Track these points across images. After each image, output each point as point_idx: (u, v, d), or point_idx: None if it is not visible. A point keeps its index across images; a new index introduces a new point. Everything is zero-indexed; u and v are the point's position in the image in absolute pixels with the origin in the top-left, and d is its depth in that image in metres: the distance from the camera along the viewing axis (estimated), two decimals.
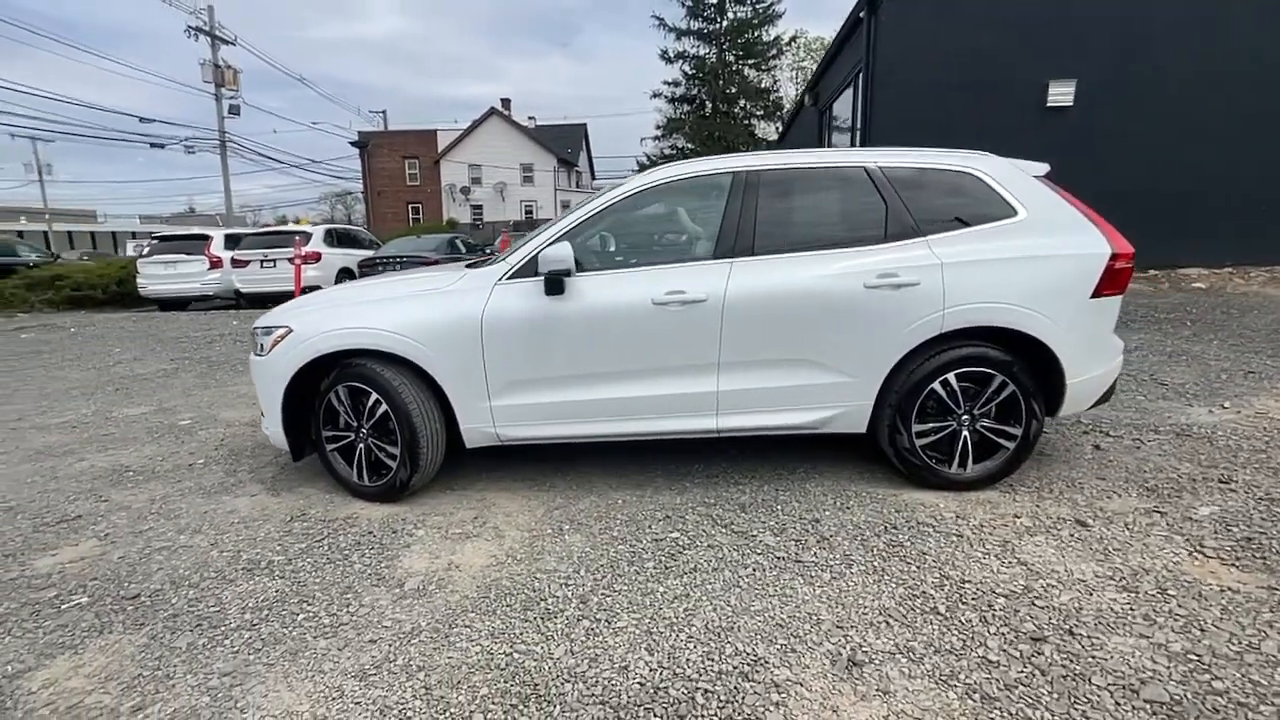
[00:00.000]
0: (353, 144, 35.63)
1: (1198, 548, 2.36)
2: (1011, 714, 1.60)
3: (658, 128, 38.23)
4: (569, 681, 1.77)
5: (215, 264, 11.95)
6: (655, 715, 1.64)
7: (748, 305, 2.76)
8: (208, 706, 1.72)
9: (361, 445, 2.95)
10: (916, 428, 2.84)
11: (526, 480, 3.22)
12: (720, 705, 1.66)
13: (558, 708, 1.67)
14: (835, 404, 2.86)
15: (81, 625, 2.11)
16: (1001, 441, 2.85)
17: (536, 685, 1.76)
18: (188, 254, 11.82)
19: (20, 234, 43.41)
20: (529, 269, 2.83)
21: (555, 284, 2.78)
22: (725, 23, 35.34)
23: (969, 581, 2.19)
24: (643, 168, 38.21)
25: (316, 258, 11.56)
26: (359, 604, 2.19)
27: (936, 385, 2.79)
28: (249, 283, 11.79)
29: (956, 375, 2.78)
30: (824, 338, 2.79)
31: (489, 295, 2.84)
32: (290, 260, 10.56)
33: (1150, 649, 1.82)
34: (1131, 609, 2.01)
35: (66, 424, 4.51)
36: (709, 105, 37.05)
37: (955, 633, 1.92)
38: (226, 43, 26.33)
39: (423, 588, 2.28)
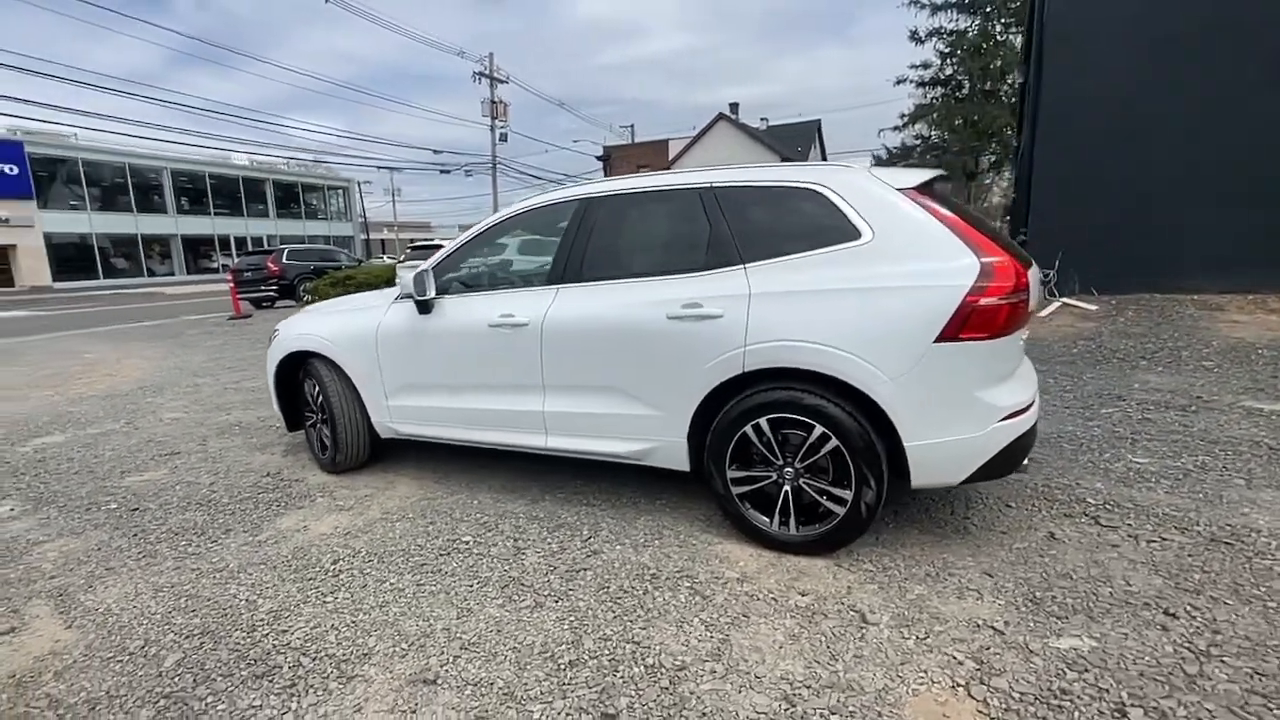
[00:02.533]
0: (598, 158, 39.93)
1: (969, 682, 1.80)
2: None
3: (901, 116, 35.02)
4: (240, 630, 2.21)
5: None
6: (246, 663, 2.00)
7: (561, 331, 2.83)
8: (77, 586, 2.58)
9: (319, 426, 3.76)
10: (732, 474, 2.59)
11: (439, 473, 3.69)
12: (287, 674, 1.95)
13: (209, 644, 2.13)
14: (649, 437, 2.75)
15: (94, 521, 3.23)
16: (830, 505, 2.43)
17: (220, 626, 2.24)
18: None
19: (383, 243, 58.47)
20: None
21: (424, 304, 3.20)
22: None
23: (636, 644, 2.04)
24: (878, 161, 35.54)
25: None
26: (219, 543, 2.92)
27: (748, 430, 2.50)
28: None
29: (772, 421, 2.46)
30: (630, 368, 2.71)
31: (386, 311, 3.38)
32: None
33: None
34: None
35: (252, 389, 6.37)
36: (966, 85, 32.76)
37: (545, 682, 1.87)
38: (501, 82, 31.76)
39: (266, 541, 2.92)
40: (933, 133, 36.17)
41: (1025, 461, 2.42)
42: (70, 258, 30.50)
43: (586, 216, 2.93)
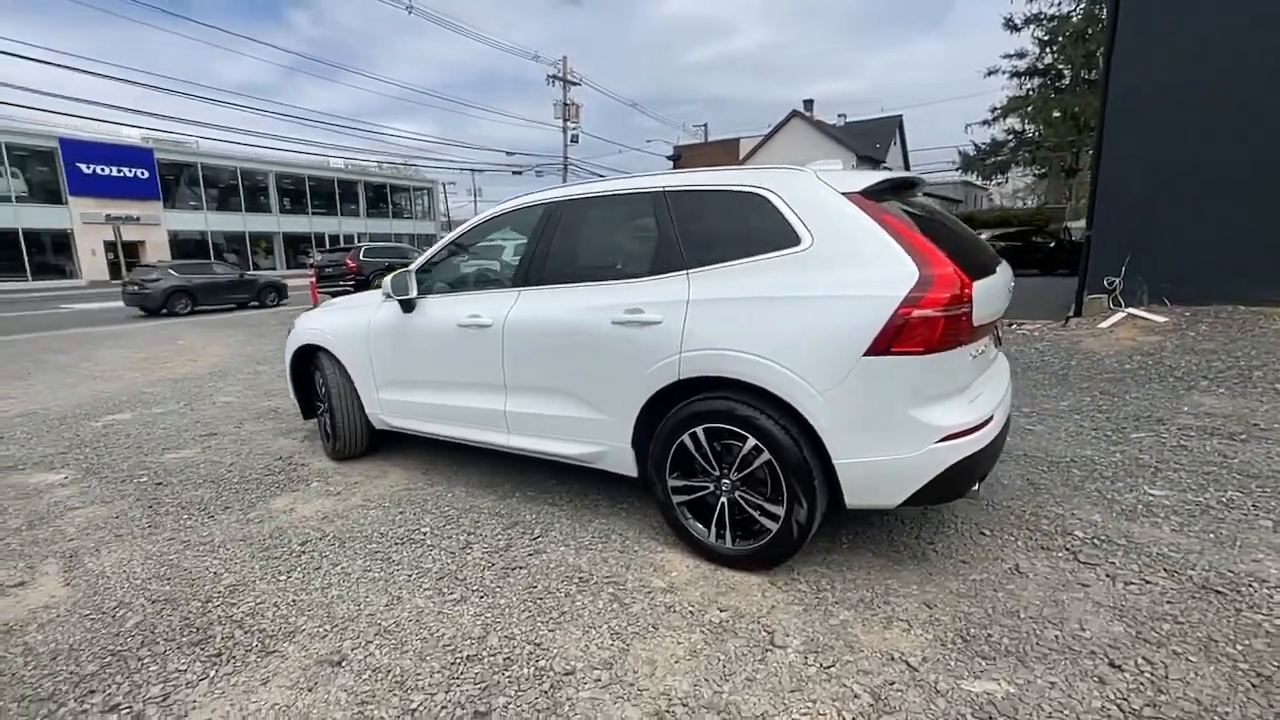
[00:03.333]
0: (668, 158, 39.97)
1: (855, 718, 1.70)
2: None
3: (992, 110, 32.88)
4: (197, 600, 2.41)
5: None
6: (190, 630, 2.18)
7: (520, 333, 2.89)
8: (86, 549, 2.88)
9: (325, 416, 4.01)
10: (672, 482, 2.56)
11: (427, 465, 3.84)
12: (218, 644, 2.11)
13: (167, 610, 2.34)
14: (598, 441, 2.76)
15: (124, 492, 3.60)
16: (764, 520, 2.35)
17: (183, 594, 2.44)
18: None
19: None
20: None
21: (406, 303, 3.35)
22: None
23: (536, 645, 2.06)
24: (964, 158, 33.58)
25: None
26: (215, 519, 3.18)
27: (686, 439, 2.46)
28: None
29: (708, 431, 2.41)
30: (578, 371, 2.73)
31: (378, 309, 3.56)
32: None
33: None
34: None
35: None
36: (1068, 75, 30.34)
37: (438, 675, 1.93)
38: (574, 84, 32.43)
39: (254, 520, 3.15)
40: (1028, 127, 33.78)
41: (976, 487, 2.24)
42: (190, 253, 33.80)
43: (550, 220, 2.97)
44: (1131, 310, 6.28)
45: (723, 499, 2.44)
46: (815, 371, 2.14)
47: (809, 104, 36.17)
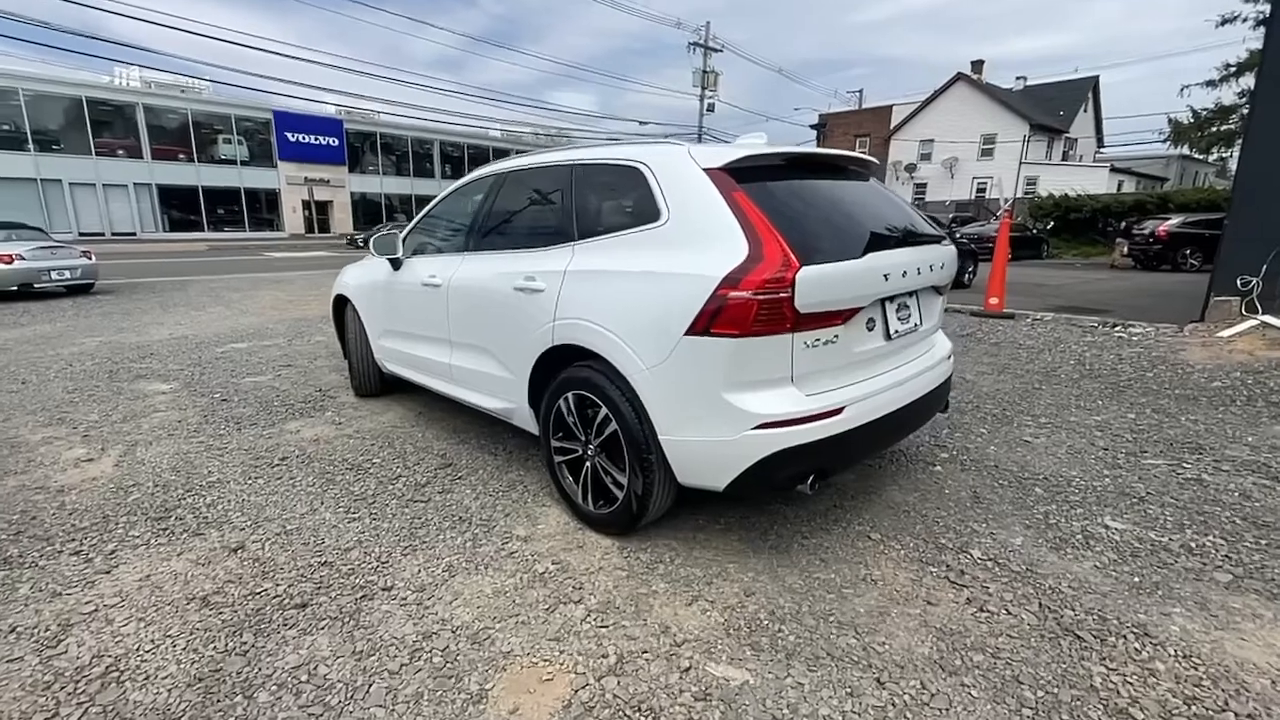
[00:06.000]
0: (812, 126, 37.91)
1: (585, 671, 1.81)
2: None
3: (1226, 66, 26.98)
4: (181, 489, 3.03)
5: None
6: (161, 509, 2.78)
7: (457, 294, 3.16)
8: (144, 442, 3.70)
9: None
10: (555, 443, 2.72)
11: (422, 408, 4.31)
12: (170, 523, 2.67)
13: (159, 493, 2.98)
14: (508, 398, 2.98)
15: (198, 404, 4.48)
16: (613, 488, 2.45)
17: (178, 483, 3.09)
18: None
19: None
20: None
21: (394, 262, 3.77)
22: None
23: (382, 563, 2.37)
24: (1176, 127, 28.11)
25: None
26: (241, 432, 3.88)
27: (561, 402, 2.60)
28: None
29: (576, 397, 2.53)
30: (491, 332, 2.95)
31: (382, 265, 4.03)
32: None
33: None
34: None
35: None
36: None
37: (297, 572, 2.31)
38: (715, 50, 31.75)
39: (264, 436, 3.81)
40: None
41: (811, 482, 2.14)
42: (367, 212, 38.69)
43: (493, 189, 3.18)
44: (1267, 319, 5.08)
45: (588, 463, 2.56)
46: (645, 346, 2.17)
47: (978, 65, 32.16)
